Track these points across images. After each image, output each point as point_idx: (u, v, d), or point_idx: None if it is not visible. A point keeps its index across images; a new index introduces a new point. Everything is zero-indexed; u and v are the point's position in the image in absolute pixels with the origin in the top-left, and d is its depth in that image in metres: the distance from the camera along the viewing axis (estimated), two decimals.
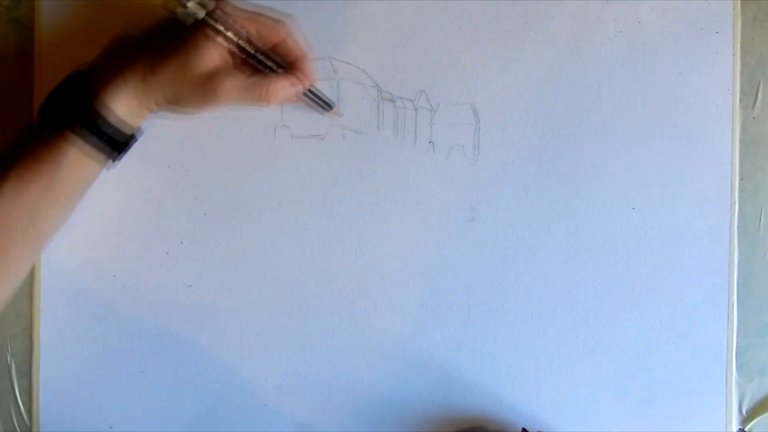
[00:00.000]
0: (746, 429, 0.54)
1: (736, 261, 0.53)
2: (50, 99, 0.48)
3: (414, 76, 0.53)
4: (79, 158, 0.47)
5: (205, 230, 0.53)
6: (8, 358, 0.53)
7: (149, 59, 0.46)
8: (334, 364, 0.54)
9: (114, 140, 0.47)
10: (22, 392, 0.53)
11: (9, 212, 0.46)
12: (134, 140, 0.49)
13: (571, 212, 0.53)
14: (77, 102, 0.46)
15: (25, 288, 0.52)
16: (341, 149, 0.54)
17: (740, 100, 0.53)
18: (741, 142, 0.53)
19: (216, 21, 0.46)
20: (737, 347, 0.53)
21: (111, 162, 0.49)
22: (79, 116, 0.46)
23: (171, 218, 0.53)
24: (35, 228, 0.47)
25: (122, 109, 0.47)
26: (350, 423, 0.54)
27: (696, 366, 0.53)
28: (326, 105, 0.52)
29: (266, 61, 0.48)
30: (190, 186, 0.53)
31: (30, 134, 0.47)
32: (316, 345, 0.54)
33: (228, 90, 0.47)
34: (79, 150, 0.46)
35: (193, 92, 0.47)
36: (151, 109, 0.48)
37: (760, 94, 0.54)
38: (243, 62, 0.48)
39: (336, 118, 0.53)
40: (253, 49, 0.48)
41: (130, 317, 0.53)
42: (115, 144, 0.48)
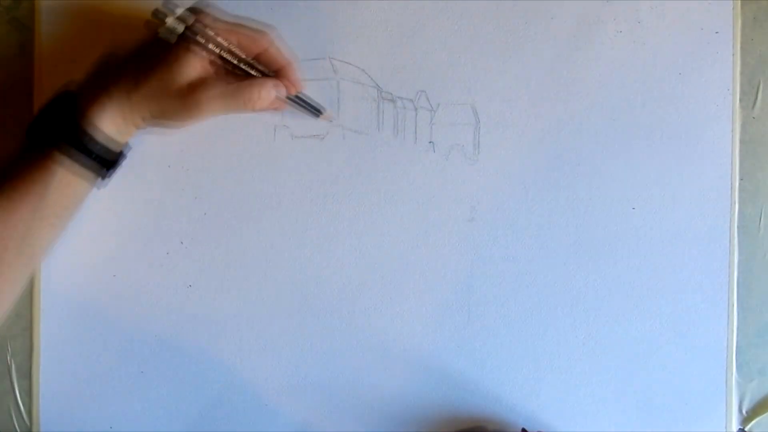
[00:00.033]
0: (746, 429, 0.54)
1: (736, 261, 0.53)
2: (37, 119, 0.47)
3: (414, 76, 0.53)
4: (68, 178, 0.47)
5: (205, 230, 0.53)
6: (8, 358, 0.53)
7: (133, 76, 0.46)
8: (334, 364, 0.54)
9: (102, 158, 0.47)
10: (22, 392, 0.53)
11: None
12: (123, 158, 0.49)
13: (571, 212, 0.54)
14: (64, 121, 0.46)
15: (26, 288, 0.52)
16: (341, 149, 0.54)
17: (740, 100, 0.53)
18: (741, 142, 0.53)
19: (196, 35, 0.46)
20: (737, 347, 0.53)
21: (100, 180, 0.49)
22: (66, 135, 0.46)
23: (171, 218, 0.53)
24: (27, 248, 0.47)
25: (109, 127, 0.47)
26: (350, 423, 0.54)
27: (696, 366, 0.53)
28: (316, 110, 0.52)
29: (251, 71, 0.48)
30: (190, 186, 0.53)
31: (19, 155, 0.47)
32: (316, 345, 0.54)
33: (210, 99, 0.46)
34: (67, 169, 0.46)
35: (176, 104, 0.47)
36: (138, 126, 0.48)
37: (760, 94, 0.54)
38: (228, 73, 0.48)
39: (336, 118, 0.53)
40: (237, 59, 0.48)
41: (130, 317, 0.53)
42: (104, 162, 0.48)
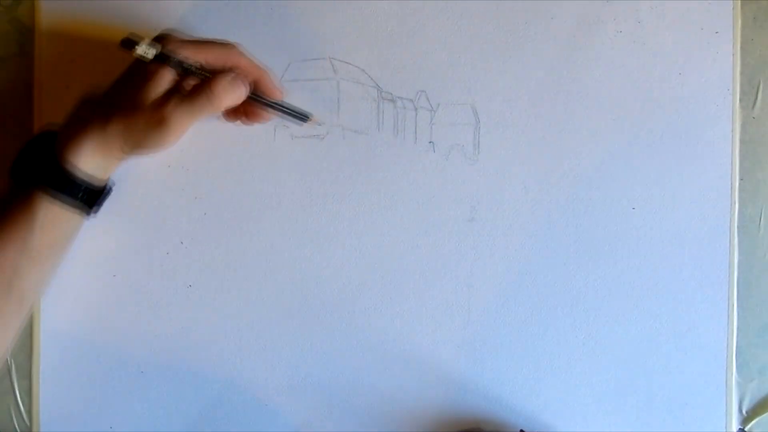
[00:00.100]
0: (746, 429, 0.54)
1: (736, 261, 0.53)
2: (18, 160, 0.48)
3: (414, 76, 0.53)
4: (52, 217, 0.46)
5: (205, 230, 0.53)
6: (8, 358, 0.53)
7: (106, 109, 0.46)
8: (334, 364, 0.54)
9: (84, 195, 0.47)
10: (22, 392, 0.53)
11: None
12: (108, 192, 0.49)
13: (571, 212, 0.53)
14: (43, 162, 0.46)
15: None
16: (341, 149, 0.54)
17: (740, 100, 0.53)
18: (741, 142, 0.53)
19: (167, 58, 0.46)
20: (737, 347, 0.53)
21: (86, 216, 0.49)
22: (45, 176, 0.46)
23: (171, 218, 0.53)
24: (16, 290, 0.47)
25: (88, 164, 0.46)
26: (350, 423, 0.54)
27: (696, 366, 0.53)
28: (302, 116, 0.51)
29: None
30: (190, 186, 0.53)
31: (3, 195, 0.47)
32: (316, 345, 0.54)
33: (173, 108, 0.45)
34: (49, 209, 0.46)
35: (146, 126, 0.46)
36: (119, 158, 0.48)
37: (760, 94, 0.54)
38: None
39: (336, 119, 0.53)
40: (209, 73, 0.47)
41: (130, 317, 0.53)
42: (87, 198, 0.48)
